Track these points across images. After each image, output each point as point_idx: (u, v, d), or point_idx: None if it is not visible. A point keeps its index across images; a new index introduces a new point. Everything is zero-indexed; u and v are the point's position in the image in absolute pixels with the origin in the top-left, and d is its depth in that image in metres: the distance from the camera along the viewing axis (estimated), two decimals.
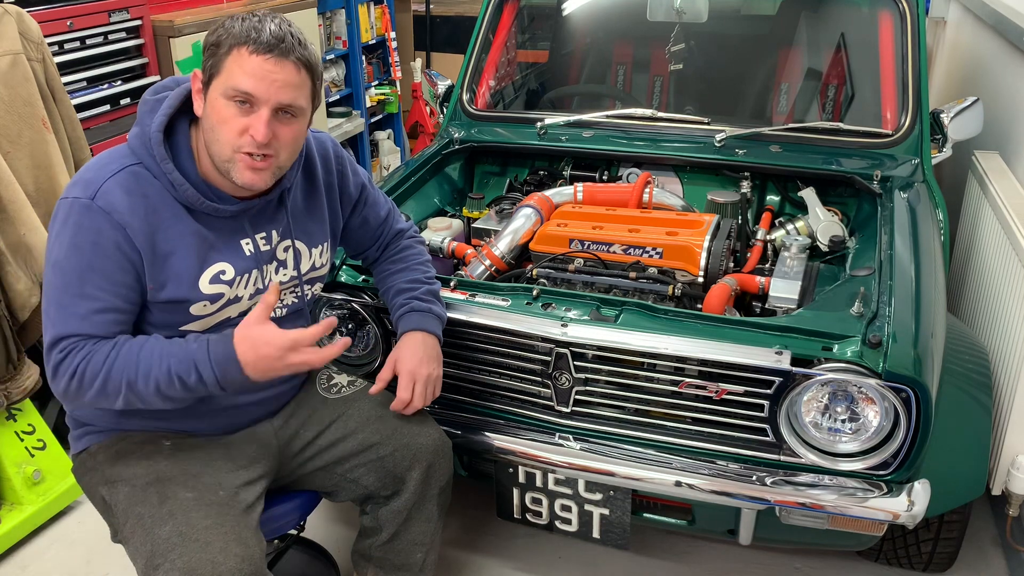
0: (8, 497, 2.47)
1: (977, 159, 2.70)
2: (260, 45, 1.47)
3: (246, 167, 1.53)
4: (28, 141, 2.47)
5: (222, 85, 1.49)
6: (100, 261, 1.49)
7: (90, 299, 1.49)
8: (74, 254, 1.49)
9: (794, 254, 2.11)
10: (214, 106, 1.51)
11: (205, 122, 1.54)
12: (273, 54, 1.48)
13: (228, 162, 1.53)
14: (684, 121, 2.65)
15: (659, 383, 1.83)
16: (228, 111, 1.49)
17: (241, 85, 1.48)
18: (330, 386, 1.89)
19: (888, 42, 2.61)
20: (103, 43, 3.12)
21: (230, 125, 1.50)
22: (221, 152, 1.52)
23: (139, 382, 1.49)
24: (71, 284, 1.50)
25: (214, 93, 1.50)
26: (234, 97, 1.49)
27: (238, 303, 1.64)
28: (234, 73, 1.48)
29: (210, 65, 1.51)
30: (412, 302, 1.85)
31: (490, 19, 3.00)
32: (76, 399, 1.52)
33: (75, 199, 1.50)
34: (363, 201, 1.90)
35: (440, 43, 5.55)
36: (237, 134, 1.50)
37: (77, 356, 1.49)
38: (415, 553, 1.86)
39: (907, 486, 1.73)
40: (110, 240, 1.50)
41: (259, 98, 1.49)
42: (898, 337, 1.70)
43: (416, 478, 1.79)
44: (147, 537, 1.53)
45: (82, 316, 1.49)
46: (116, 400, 1.51)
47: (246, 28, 1.49)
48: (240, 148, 1.51)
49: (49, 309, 1.51)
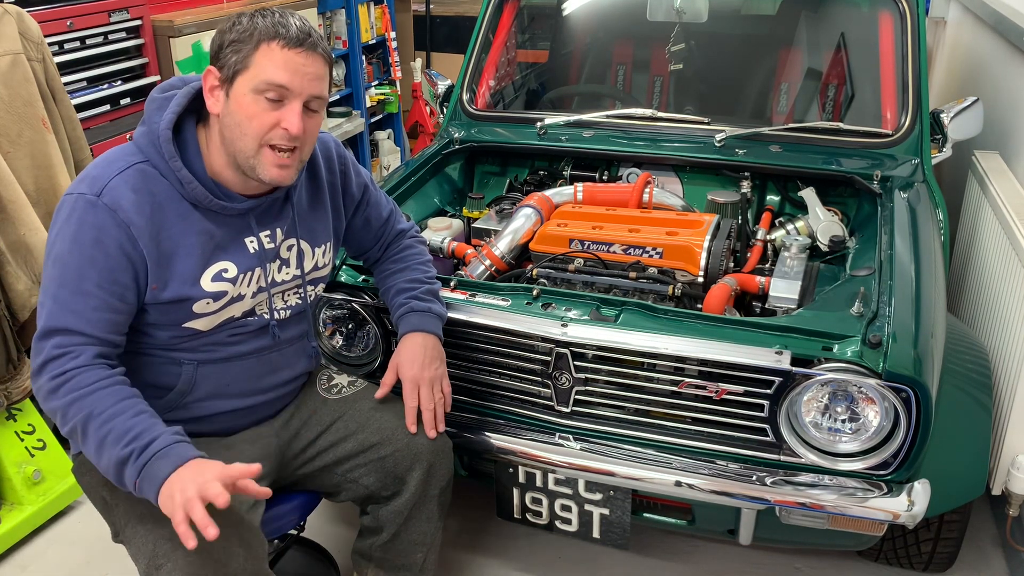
0: (8, 497, 2.47)
1: (977, 159, 2.70)
2: (291, 40, 1.50)
3: (273, 164, 1.54)
4: (28, 141, 2.47)
5: (252, 80, 1.50)
6: (101, 258, 1.49)
7: (87, 296, 1.49)
8: (75, 249, 1.49)
9: (794, 254, 2.11)
10: (240, 102, 1.51)
11: (228, 119, 1.53)
12: (304, 47, 1.51)
13: (253, 158, 1.54)
14: (684, 121, 2.65)
15: (659, 383, 1.83)
16: (257, 106, 1.51)
17: (275, 78, 1.49)
18: (330, 387, 1.89)
19: (888, 42, 2.61)
20: (103, 43, 3.12)
21: (260, 119, 1.51)
22: (246, 148, 1.53)
23: (92, 424, 1.45)
24: (69, 279, 1.49)
25: (241, 89, 1.51)
26: (265, 91, 1.50)
27: (241, 301, 1.64)
28: (265, 67, 1.49)
29: (234, 61, 1.50)
30: (412, 302, 1.85)
31: (490, 19, 3.00)
32: (45, 400, 1.50)
33: (80, 195, 1.50)
34: (365, 201, 1.90)
35: (440, 43, 5.55)
36: (268, 128, 1.52)
37: (69, 363, 1.47)
38: (415, 553, 1.86)
39: (907, 486, 1.73)
40: (113, 239, 1.49)
41: (292, 91, 1.51)
42: (898, 337, 1.70)
43: (417, 478, 1.79)
44: (149, 537, 1.52)
45: (77, 312, 1.48)
46: (65, 423, 1.48)
47: (272, 23, 1.50)
48: (269, 141, 1.52)
49: (45, 300, 1.51)
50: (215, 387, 1.67)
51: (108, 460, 1.45)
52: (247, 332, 1.68)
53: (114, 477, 1.47)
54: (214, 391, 1.67)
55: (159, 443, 1.44)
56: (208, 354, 1.65)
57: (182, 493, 1.37)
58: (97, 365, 1.49)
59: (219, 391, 1.68)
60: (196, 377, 1.64)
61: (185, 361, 1.63)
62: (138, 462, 1.43)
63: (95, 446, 1.46)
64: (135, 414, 1.46)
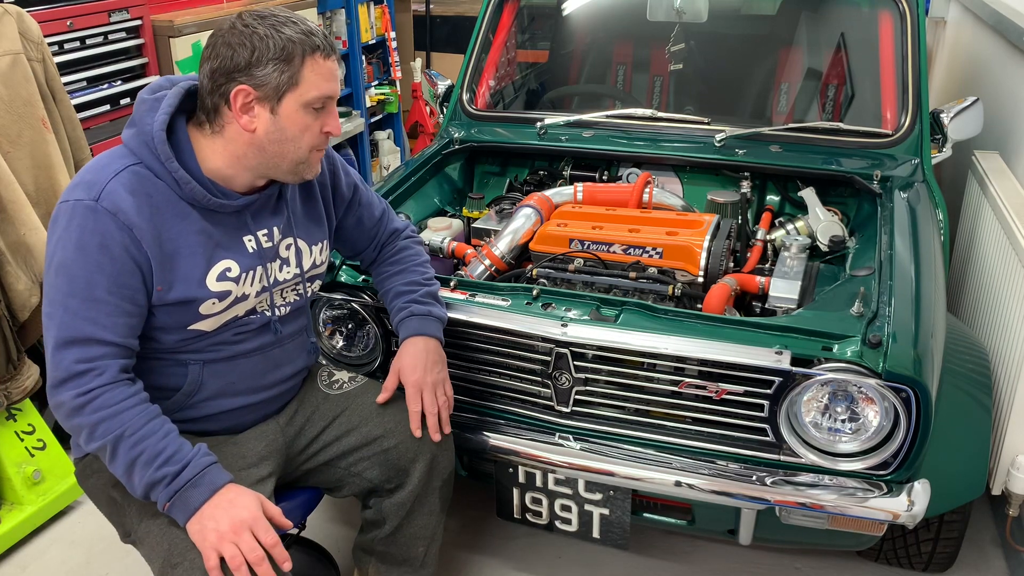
0: (8, 497, 2.47)
1: (977, 159, 2.70)
2: (326, 49, 1.55)
3: (317, 160, 1.63)
4: (28, 141, 2.47)
5: (304, 96, 1.53)
6: (108, 264, 1.48)
7: (99, 303, 1.47)
8: (80, 257, 1.47)
9: (794, 254, 2.11)
10: (293, 118, 1.54)
11: (275, 135, 1.54)
12: (335, 53, 1.57)
13: (303, 164, 1.60)
14: (684, 121, 2.65)
15: (659, 383, 1.83)
16: (308, 118, 1.56)
17: (325, 91, 1.55)
18: (331, 382, 1.90)
19: (888, 42, 2.61)
20: (103, 43, 3.12)
21: (312, 131, 1.57)
22: (299, 156, 1.58)
23: (123, 445, 1.46)
24: (78, 288, 1.47)
25: (292, 105, 1.53)
26: (315, 104, 1.55)
27: (245, 301, 1.65)
28: (315, 82, 1.53)
29: (283, 80, 1.51)
30: (411, 306, 1.85)
31: (490, 19, 3.00)
32: (68, 417, 1.49)
33: (77, 201, 1.48)
34: (356, 201, 1.90)
35: (440, 43, 5.55)
36: (318, 136, 1.58)
37: (95, 380, 1.46)
38: (417, 547, 1.87)
39: (907, 486, 1.73)
40: (117, 243, 1.48)
41: (334, 97, 1.58)
42: (898, 337, 1.70)
43: (420, 470, 1.80)
44: (164, 536, 1.52)
45: (93, 320, 1.47)
46: (92, 441, 1.48)
47: (302, 33, 1.52)
48: (317, 147, 1.60)
49: (54, 312, 1.48)
50: (221, 386, 1.68)
51: (139, 480, 1.48)
52: (250, 330, 1.68)
53: (141, 496, 1.50)
54: (220, 390, 1.68)
55: (192, 469, 1.49)
56: (214, 354, 1.65)
57: (216, 529, 1.44)
58: (122, 382, 1.49)
59: (225, 389, 1.68)
60: (203, 377, 1.65)
61: (191, 362, 1.63)
62: (171, 487, 1.47)
63: (125, 466, 1.48)
64: (164, 435, 1.50)
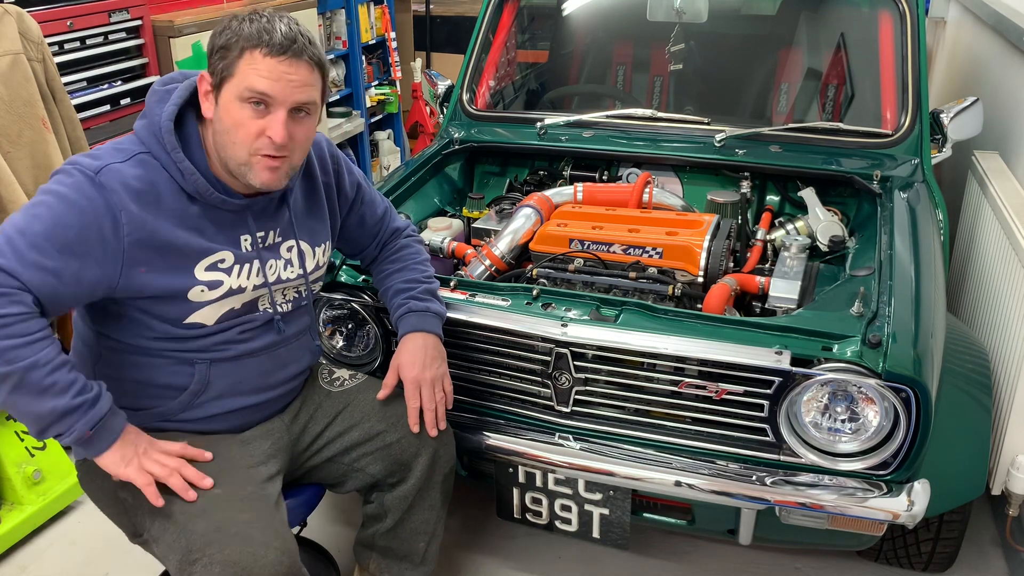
0: (8, 497, 2.47)
1: (977, 159, 2.71)
2: (273, 47, 1.48)
3: (264, 167, 1.54)
4: (28, 141, 2.47)
5: (236, 88, 1.49)
6: (76, 228, 1.44)
7: (43, 253, 1.42)
8: (57, 207, 1.44)
9: (794, 254, 2.11)
10: (228, 109, 1.51)
11: (217, 125, 1.53)
12: (287, 55, 1.49)
13: (244, 165, 1.54)
14: (684, 121, 2.65)
15: (659, 383, 1.83)
16: (243, 113, 1.50)
17: (257, 86, 1.48)
18: (332, 380, 1.91)
19: (888, 42, 2.61)
20: (103, 43, 3.12)
21: (246, 128, 1.51)
22: (237, 155, 1.53)
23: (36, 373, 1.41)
24: (35, 231, 1.42)
25: (228, 96, 1.50)
26: (250, 99, 1.49)
27: (241, 294, 1.65)
28: (248, 75, 1.48)
29: (221, 68, 1.50)
30: (410, 302, 1.86)
31: (490, 19, 3.00)
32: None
33: (76, 166, 1.48)
34: (359, 200, 1.91)
35: (440, 43, 5.55)
36: (254, 136, 1.51)
37: (11, 307, 1.39)
38: (418, 542, 1.87)
39: (907, 486, 1.73)
40: (95, 217, 1.46)
41: (276, 99, 1.50)
42: (898, 337, 1.70)
43: (422, 464, 1.81)
44: (181, 533, 1.52)
45: (23, 260, 1.41)
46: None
47: (257, 30, 1.49)
48: (258, 151, 1.52)
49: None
50: (228, 385, 1.68)
51: (50, 409, 1.43)
52: (254, 328, 1.69)
53: (43, 427, 1.45)
54: (227, 389, 1.68)
55: (106, 400, 1.51)
56: (220, 353, 1.65)
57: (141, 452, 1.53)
58: (38, 315, 1.44)
59: (232, 389, 1.69)
60: (209, 376, 1.65)
61: (197, 361, 1.64)
62: (91, 415, 1.47)
63: (34, 394, 1.42)
64: (71, 369, 1.47)
